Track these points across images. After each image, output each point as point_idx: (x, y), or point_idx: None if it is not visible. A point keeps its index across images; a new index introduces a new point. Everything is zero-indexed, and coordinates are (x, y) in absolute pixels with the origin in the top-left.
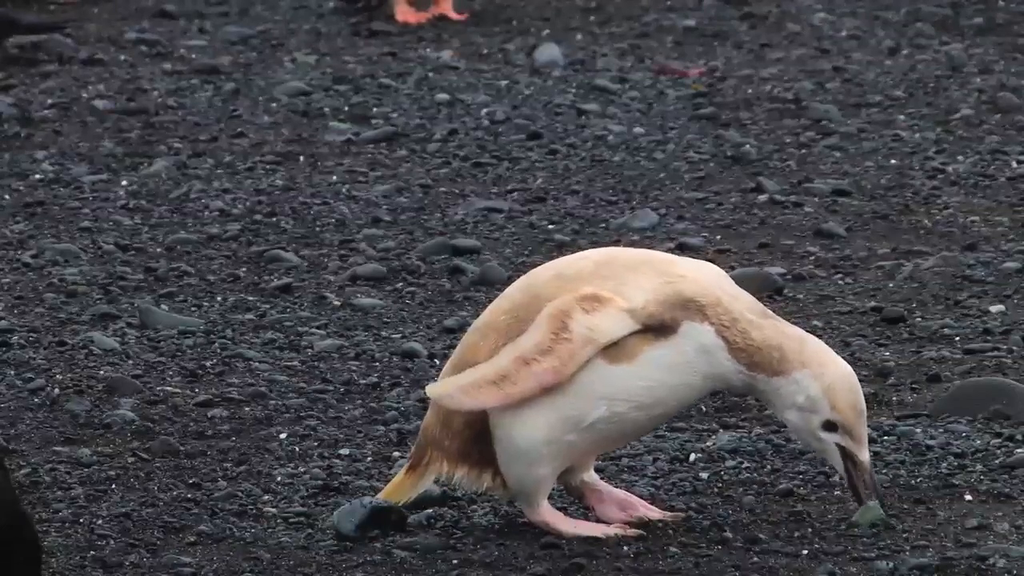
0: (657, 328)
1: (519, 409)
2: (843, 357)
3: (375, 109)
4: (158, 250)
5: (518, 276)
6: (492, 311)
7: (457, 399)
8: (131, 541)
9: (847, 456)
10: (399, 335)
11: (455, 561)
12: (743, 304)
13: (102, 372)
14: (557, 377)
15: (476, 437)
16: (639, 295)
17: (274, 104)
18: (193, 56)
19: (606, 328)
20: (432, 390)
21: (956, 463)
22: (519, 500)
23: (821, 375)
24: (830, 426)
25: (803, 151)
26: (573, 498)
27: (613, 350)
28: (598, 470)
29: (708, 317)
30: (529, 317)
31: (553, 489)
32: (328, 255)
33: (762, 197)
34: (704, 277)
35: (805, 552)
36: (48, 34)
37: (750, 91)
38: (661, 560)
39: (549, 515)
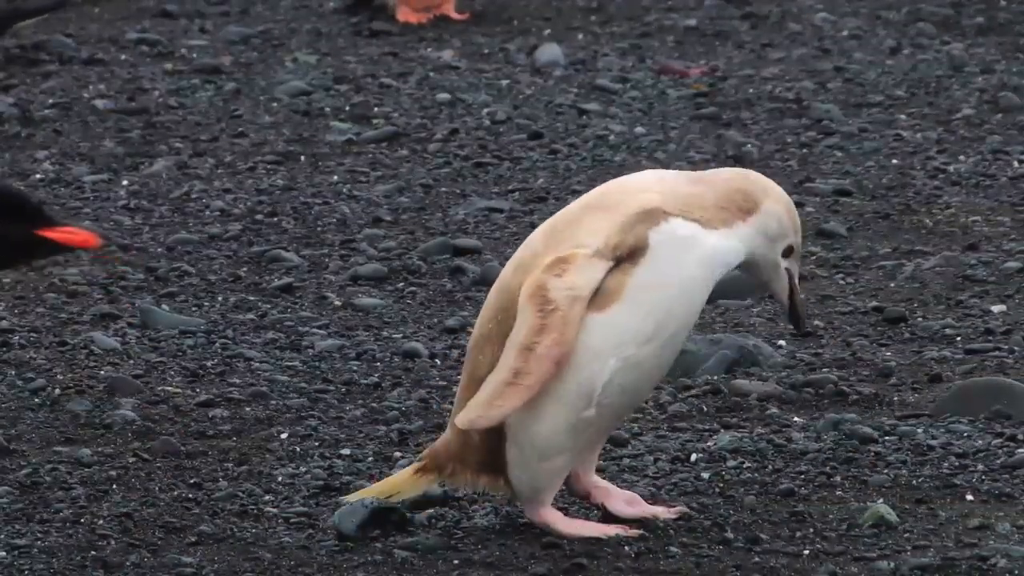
0: (630, 254)
1: (535, 404)
2: (845, 358)
3: (376, 109)
4: (159, 250)
5: None
6: (479, 325)
7: (487, 416)
8: (132, 541)
9: (791, 281)
10: (400, 335)
11: (456, 561)
12: (682, 181)
13: (103, 372)
14: (563, 347)
15: (494, 447)
16: (595, 236)
17: (275, 104)
18: (194, 56)
19: (584, 280)
20: (460, 420)
21: (957, 463)
22: (524, 499)
23: (779, 198)
24: (787, 251)
25: (804, 151)
26: (577, 499)
27: (599, 298)
28: (599, 470)
29: (668, 212)
30: (511, 315)
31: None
32: (329, 255)
33: None
34: (641, 181)
35: (806, 552)
36: (56, 11)
37: (751, 91)
38: (662, 560)
39: (550, 515)
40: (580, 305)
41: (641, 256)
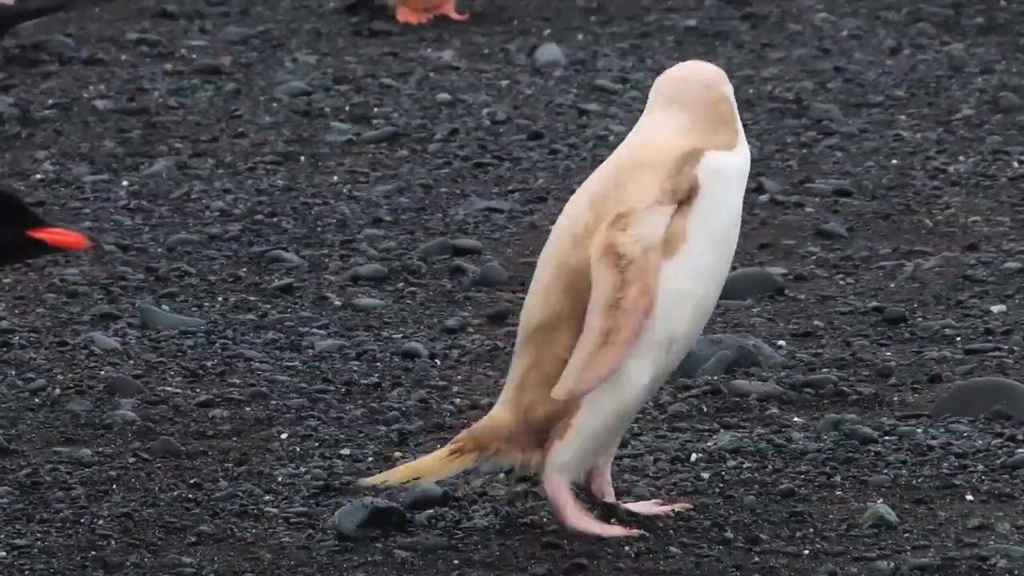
0: (687, 195)
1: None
2: (845, 358)
3: (376, 109)
4: (159, 250)
5: (519, 276)
6: (544, 307)
7: (585, 381)
8: (132, 541)
9: None
10: (400, 335)
11: (456, 561)
12: (675, 118)
13: (103, 372)
14: (649, 298)
15: (550, 425)
16: (649, 190)
17: (275, 104)
18: (194, 56)
19: (651, 228)
20: (559, 392)
21: (957, 463)
22: (556, 470)
23: (723, 75)
24: None
25: (804, 151)
26: (591, 501)
27: (666, 246)
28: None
29: (702, 148)
30: (582, 288)
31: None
32: (329, 255)
33: (763, 197)
34: (655, 135)
35: (806, 552)
36: (57, 13)
37: (751, 91)
38: (662, 560)
39: (566, 495)
40: (655, 253)
41: (695, 196)
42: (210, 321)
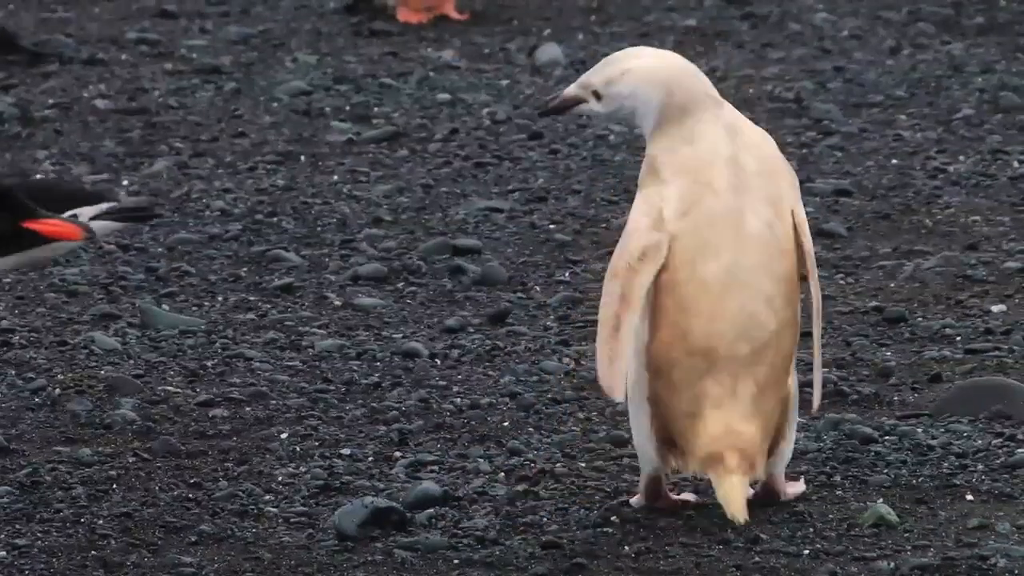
0: None
1: None
2: (845, 357)
3: (376, 109)
4: (159, 250)
5: (519, 276)
6: (773, 314)
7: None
8: (132, 541)
9: None
10: (400, 335)
11: (456, 561)
12: (723, 103)
13: (103, 372)
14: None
15: (777, 429)
16: (791, 191)
17: (275, 104)
18: (194, 56)
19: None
20: (816, 409)
21: (957, 463)
22: (783, 469)
23: None
24: None
25: (804, 151)
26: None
27: None
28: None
29: None
30: (796, 292)
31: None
32: (329, 255)
33: None
34: (754, 135)
35: (806, 552)
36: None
37: (751, 91)
38: (662, 560)
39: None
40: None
41: None
42: (210, 321)
